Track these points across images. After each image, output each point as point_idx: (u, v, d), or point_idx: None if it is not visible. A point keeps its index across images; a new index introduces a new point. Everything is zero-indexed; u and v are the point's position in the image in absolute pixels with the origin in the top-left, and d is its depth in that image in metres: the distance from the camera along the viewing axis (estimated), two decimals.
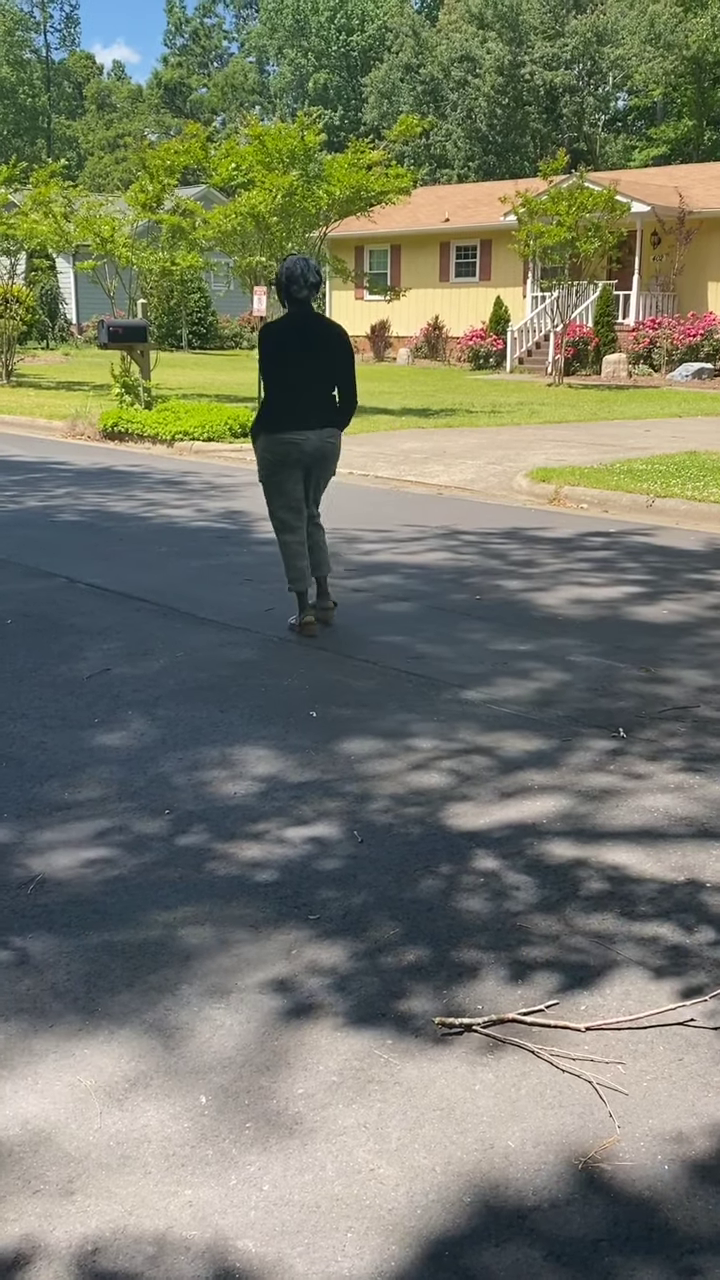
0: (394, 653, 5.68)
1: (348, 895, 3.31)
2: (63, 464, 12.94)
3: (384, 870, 3.46)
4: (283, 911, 3.22)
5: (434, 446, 14.09)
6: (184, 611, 6.42)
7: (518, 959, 3.01)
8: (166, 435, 14.52)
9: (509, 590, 7.04)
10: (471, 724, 4.70)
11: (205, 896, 3.30)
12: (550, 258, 24.66)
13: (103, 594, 6.83)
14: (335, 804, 3.92)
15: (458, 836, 3.68)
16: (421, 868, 3.47)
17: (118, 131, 71.89)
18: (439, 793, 4.02)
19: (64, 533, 8.83)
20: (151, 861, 3.51)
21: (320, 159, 18.76)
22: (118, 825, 3.75)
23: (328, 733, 4.58)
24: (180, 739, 4.50)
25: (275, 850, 3.58)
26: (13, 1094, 2.51)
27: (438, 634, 6.04)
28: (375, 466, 12.36)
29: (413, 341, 32.37)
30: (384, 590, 7.00)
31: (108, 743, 4.47)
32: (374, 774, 4.18)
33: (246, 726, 4.63)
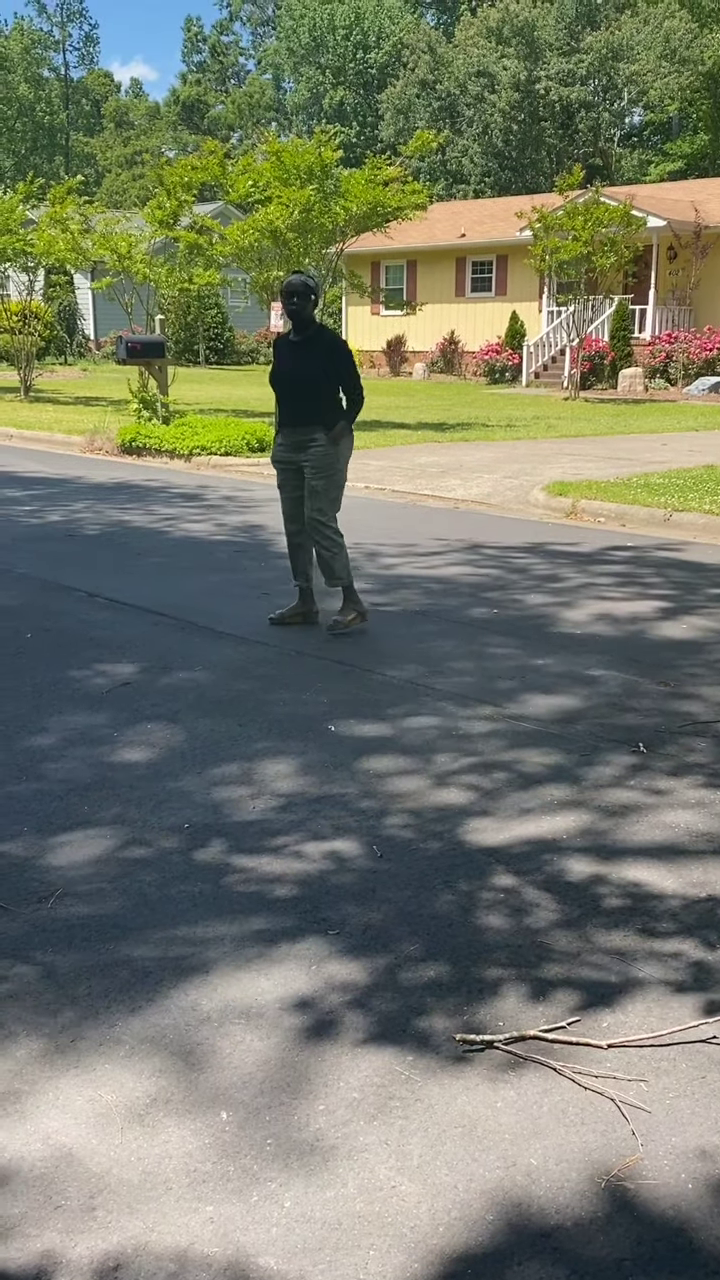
0: (413, 667, 5.68)
1: (367, 911, 3.30)
2: (81, 479, 13.01)
3: (403, 885, 3.45)
4: (302, 926, 3.21)
5: (450, 460, 14.11)
6: (202, 625, 6.43)
7: (538, 976, 2.99)
8: (184, 450, 14.59)
9: (530, 605, 7.03)
10: (491, 739, 4.69)
11: (225, 911, 3.30)
12: (566, 272, 24.71)
13: (122, 608, 6.86)
14: (354, 819, 3.92)
15: (477, 852, 3.67)
16: (441, 883, 3.47)
17: (135, 149, 72.44)
18: (458, 808, 4.01)
19: (83, 547, 8.87)
20: (171, 875, 3.51)
21: (337, 175, 18.85)
22: (137, 839, 3.75)
23: (346, 747, 4.58)
24: (199, 753, 4.50)
25: (294, 865, 3.58)
26: (34, 1109, 2.51)
27: (458, 648, 6.04)
28: (391, 480, 12.38)
29: (428, 356, 32.45)
30: (403, 604, 7.00)
31: (127, 757, 4.48)
32: (393, 788, 4.18)
33: (265, 740, 4.64)
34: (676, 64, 50.33)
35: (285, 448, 6.30)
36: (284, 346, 6.28)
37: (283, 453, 6.31)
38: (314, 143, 18.50)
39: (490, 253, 31.61)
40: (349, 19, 65.12)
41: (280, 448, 6.32)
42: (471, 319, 31.81)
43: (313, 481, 6.26)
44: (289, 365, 6.21)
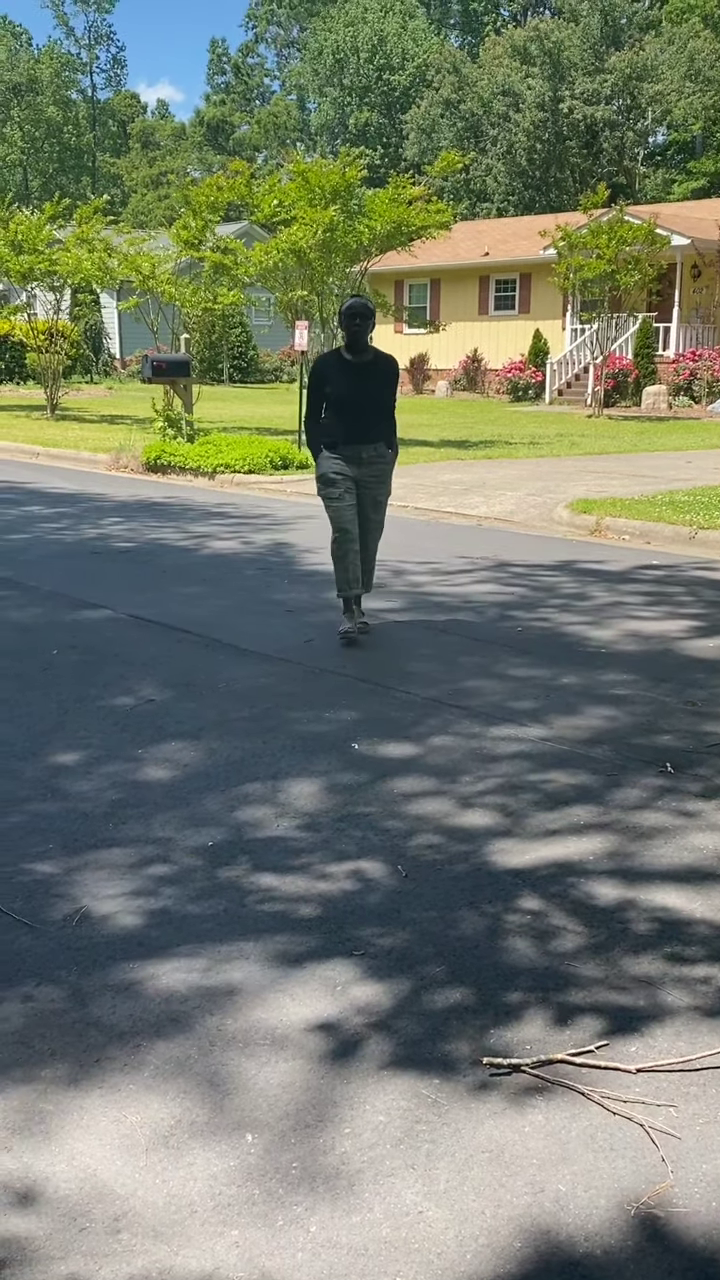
0: (438, 685, 5.67)
1: (392, 932, 3.28)
2: (106, 496, 13.08)
3: (428, 907, 3.43)
4: (326, 947, 3.20)
5: (473, 478, 14.11)
6: (226, 643, 6.45)
7: (565, 1000, 2.97)
8: (208, 468, 14.65)
9: (556, 623, 7.01)
10: (517, 759, 4.67)
11: (249, 930, 3.29)
12: (590, 290, 24.73)
13: (146, 625, 6.88)
14: (378, 838, 3.91)
15: (503, 874, 3.65)
16: (466, 905, 3.45)
17: (161, 169, 73.16)
18: (483, 829, 4.00)
19: (108, 565, 8.92)
20: (194, 894, 3.51)
21: (361, 194, 18.96)
22: (160, 856, 3.76)
23: (370, 766, 4.57)
24: (223, 771, 4.51)
25: (318, 885, 3.57)
26: (59, 1130, 2.50)
27: (483, 667, 6.02)
28: (414, 498, 12.39)
29: (452, 374, 32.51)
30: (428, 621, 7.00)
31: (151, 775, 4.48)
32: (418, 808, 4.17)
33: (289, 759, 4.64)
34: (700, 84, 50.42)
35: (344, 462, 6.44)
36: (339, 366, 6.38)
37: (340, 466, 6.43)
38: (339, 163, 18.62)
39: (514, 271, 31.67)
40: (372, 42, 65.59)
41: (335, 461, 6.43)
42: (495, 337, 31.87)
43: (378, 496, 6.62)
44: (352, 385, 6.36)
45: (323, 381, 6.41)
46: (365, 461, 6.49)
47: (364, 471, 6.50)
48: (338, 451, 6.46)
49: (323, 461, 6.48)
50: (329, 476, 6.48)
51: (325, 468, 6.47)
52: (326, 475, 6.48)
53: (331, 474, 6.47)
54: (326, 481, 6.50)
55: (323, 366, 6.48)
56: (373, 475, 6.55)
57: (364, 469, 6.49)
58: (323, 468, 6.48)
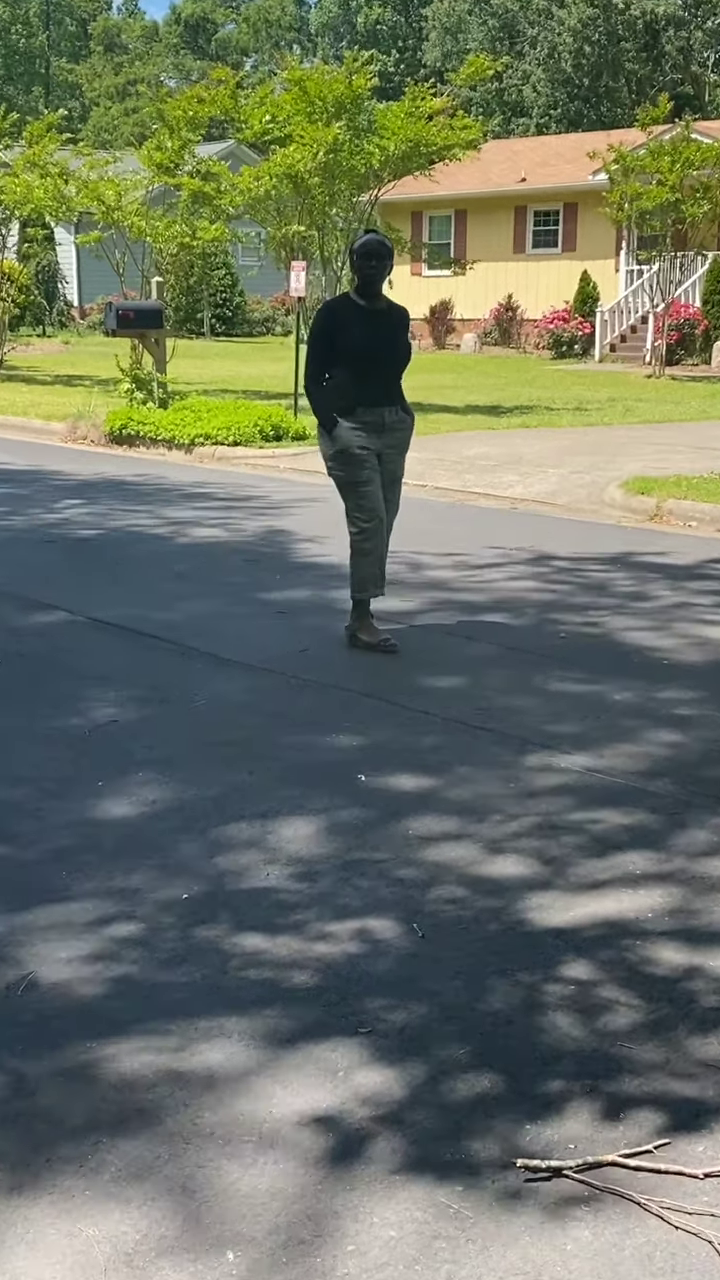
0: (463, 703, 5.67)
1: (406, 1004, 3.28)
2: (61, 474, 13.12)
3: (450, 974, 3.43)
4: (326, 1023, 3.20)
5: (506, 452, 14.13)
6: (205, 651, 6.45)
7: (617, 1089, 2.96)
8: (184, 439, 14.70)
9: (608, 628, 7.02)
10: (559, 794, 4.67)
11: (231, 1003, 3.29)
12: (649, 224, 24.78)
13: (109, 630, 6.89)
14: (390, 890, 3.90)
15: (541, 934, 3.65)
16: (496, 972, 3.44)
17: (129, 77, 73.44)
18: (518, 879, 3.99)
19: (64, 557, 8.93)
20: (166, 959, 3.50)
21: (371, 108, 19.03)
22: (124, 913, 3.75)
23: (381, 802, 4.57)
24: (201, 807, 4.51)
25: (317, 947, 3.56)
26: (0, 1246, 2.50)
27: (518, 681, 6.02)
28: (435, 476, 12.41)
29: (481, 325, 32.59)
30: (451, 626, 7.00)
31: (114, 812, 4.48)
32: (438, 854, 4.16)
33: (281, 792, 4.63)
34: None
35: (363, 431, 6.41)
36: (353, 313, 6.43)
37: (361, 437, 6.41)
38: (343, 69, 18.68)
39: (556, 200, 31.75)
40: None
41: (355, 432, 6.39)
42: (533, 280, 31.94)
43: (398, 470, 6.66)
44: (368, 336, 6.39)
45: (333, 331, 6.39)
46: (388, 428, 6.51)
47: (386, 441, 6.52)
48: (356, 419, 6.41)
49: (342, 433, 6.38)
50: (354, 453, 6.40)
51: (347, 440, 6.39)
52: (350, 451, 6.40)
53: (356, 449, 6.40)
54: (349, 459, 6.42)
55: (334, 313, 6.50)
56: (394, 445, 6.58)
57: (386, 437, 6.51)
58: (343, 440, 6.39)
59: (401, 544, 8.61)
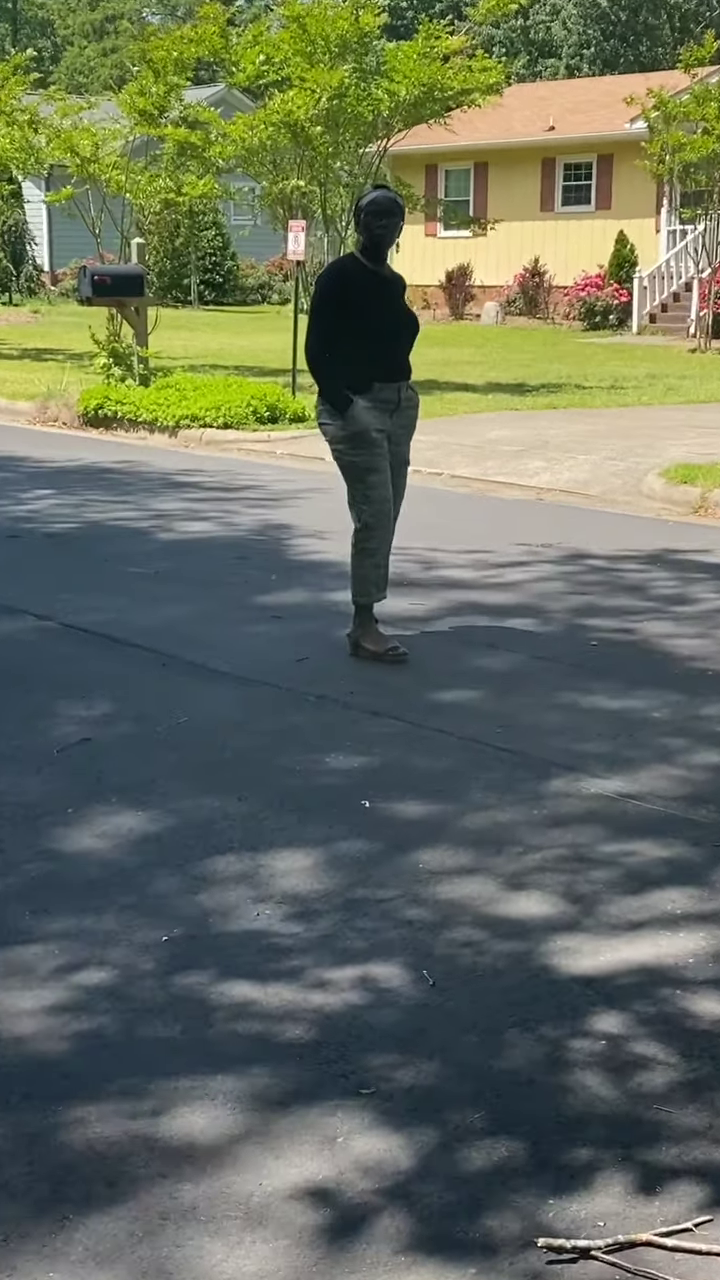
0: (481, 720, 5.66)
1: (414, 1062, 3.27)
2: (30, 460, 13.14)
3: (464, 1028, 3.42)
4: (323, 1083, 3.19)
5: (532, 435, 14.14)
6: (190, 661, 6.45)
7: (653, 1159, 2.95)
8: (168, 420, 14.72)
9: (645, 635, 7.02)
10: (588, 823, 4.66)
11: (216, 1061, 3.28)
12: (694, 178, 24.81)
13: (83, 637, 6.89)
14: (397, 932, 3.90)
15: (568, 982, 3.64)
16: (517, 1025, 3.43)
17: (106, 13, 73.66)
18: (541, 920, 3.98)
19: (32, 555, 8.94)
20: (142, 1010, 3.50)
21: (380, 49, 19.08)
22: (95, 958, 3.75)
23: (387, 831, 4.57)
24: (183, 838, 4.50)
25: (314, 997, 3.56)
26: None
27: (543, 695, 6.02)
28: (452, 462, 12.41)
29: (503, 293, 32.62)
30: (468, 633, 6.99)
31: (85, 843, 4.48)
32: (451, 891, 4.16)
33: (274, 821, 4.63)
34: None
35: (377, 411, 6.45)
36: (364, 279, 6.49)
37: (375, 418, 6.44)
38: (348, 5, 18.71)
39: (589, 151, 31.80)
40: None
41: (371, 412, 6.42)
42: (563, 242, 31.98)
43: (407, 452, 6.75)
44: (383, 303, 6.51)
45: (345, 297, 6.38)
46: (402, 406, 6.58)
47: (398, 421, 6.57)
48: (372, 396, 6.43)
49: (359, 413, 6.35)
50: (369, 436, 6.40)
51: (364, 422, 6.36)
52: (366, 434, 6.38)
53: (373, 432, 6.41)
54: (363, 442, 6.40)
55: (345, 276, 6.50)
56: (405, 425, 6.66)
57: (398, 417, 6.57)
58: (360, 421, 6.35)
59: (413, 539, 8.61)
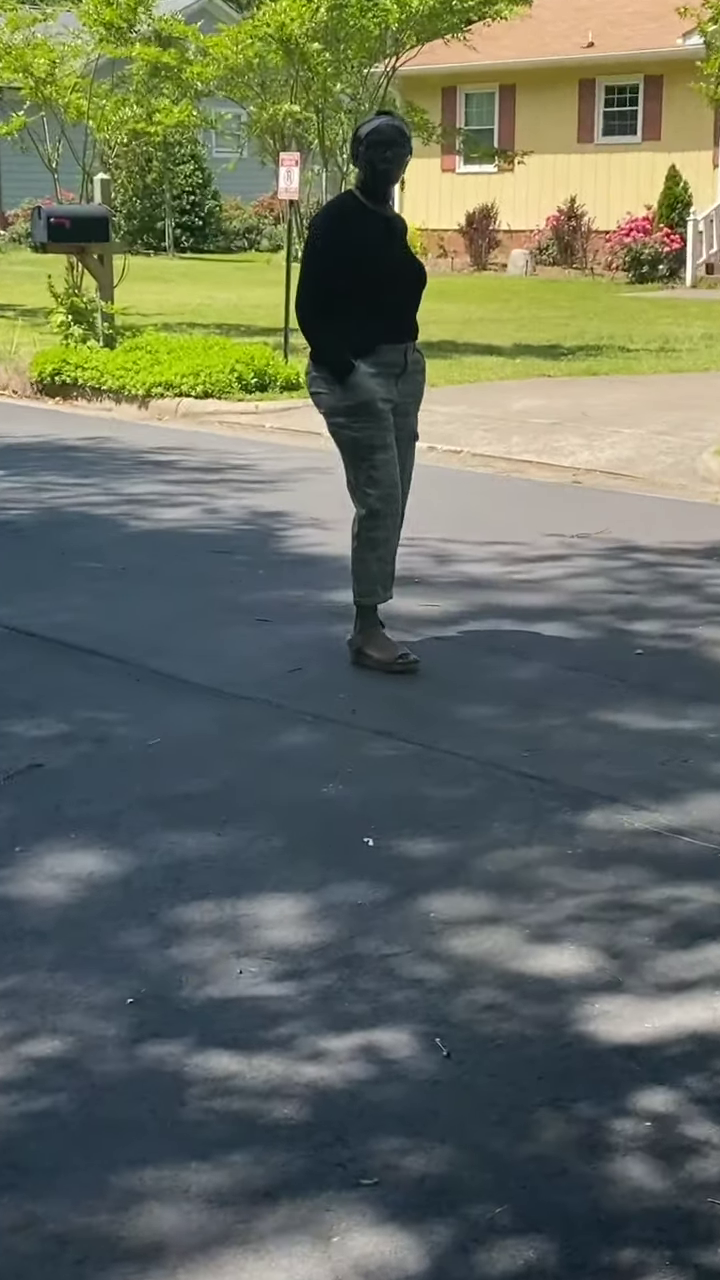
0: (503, 742, 5.66)
1: (424, 1147, 3.26)
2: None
3: (482, 1105, 3.41)
4: (317, 1172, 3.18)
5: (567, 406, 14.14)
6: (162, 672, 6.45)
7: (707, 1261, 2.94)
8: (137, 388, 14.71)
9: (700, 641, 7.04)
10: (629, 863, 4.66)
11: (189, 1146, 3.27)
12: None
13: (35, 644, 6.90)
14: (405, 994, 3.89)
15: (606, 1052, 3.64)
16: (545, 1103, 3.42)
17: None
18: (574, 978, 3.98)
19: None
20: (102, 1084, 3.49)
21: None
22: (47, 1025, 3.74)
23: (394, 874, 4.56)
24: (153, 881, 4.50)
25: (306, 1070, 3.55)
26: None
27: (576, 711, 6.02)
28: (472, 438, 12.40)
29: (534, 238, 32.64)
30: (488, 639, 6.99)
31: (36, 887, 4.48)
32: (467, 944, 4.15)
33: (260, 861, 4.63)
34: None
35: (380, 378, 6.44)
36: (366, 221, 6.48)
37: (380, 386, 6.43)
38: None
39: (634, 72, 31.82)
40: None
41: (374, 381, 6.39)
42: (604, 178, 32.00)
43: (413, 423, 6.79)
44: (388, 249, 6.55)
45: (345, 242, 6.35)
46: (409, 371, 6.59)
47: (404, 388, 6.58)
48: (376, 360, 6.40)
49: (362, 381, 6.32)
50: (375, 407, 6.38)
51: (369, 390, 6.34)
52: (371, 404, 6.36)
53: (379, 402, 6.40)
54: (369, 414, 6.37)
55: (345, 218, 6.46)
56: (411, 393, 6.69)
57: (405, 384, 6.58)
58: (364, 390, 6.33)
59: (426, 529, 8.62)
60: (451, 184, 33.41)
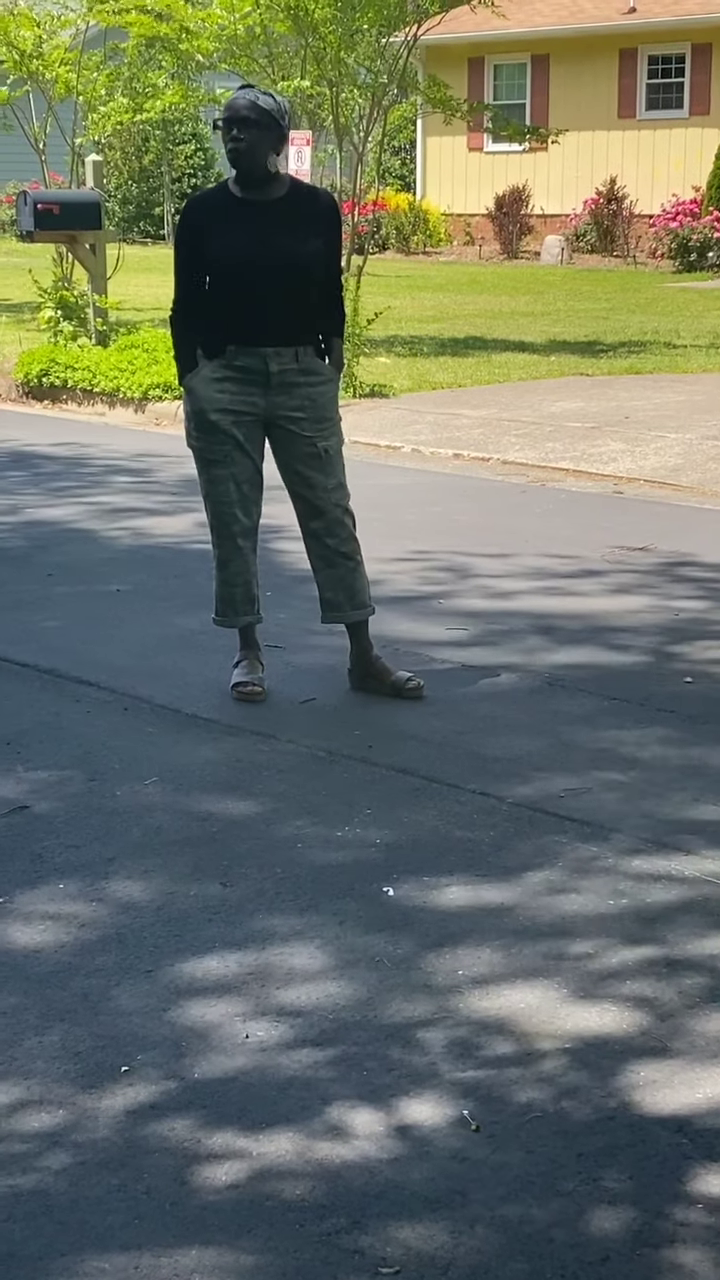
0: (538, 781, 5.66)
1: (449, 1231, 3.25)
2: None
3: (517, 1185, 3.40)
4: (331, 1259, 3.17)
5: (608, 408, 14.15)
6: (160, 704, 6.47)
7: None
8: (133, 391, 14.75)
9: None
10: (682, 916, 4.66)
11: (190, 1231, 3.26)
12: None
13: (17, 673, 6.92)
14: (428, 1059, 3.88)
15: (652, 1124, 3.62)
16: (584, 1182, 3.41)
17: None
18: (619, 1041, 3.97)
19: None
20: (96, 1162, 3.48)
21: None
22: (35, 1098, 3.73)
23: (416, 927, 4.56)
24: (150, 936, 4.50)
25: (319, 1146, 3.54)
26: None
27: (619, 747, 6.02)
28: (502, 444, 12.41)
29: (570, 223, 32.71)
30: (519, 666, 6.99)
31: (20, 941, 4.48)
32: (498, 1003, 4.14)
33: (269, 914, 4.63)
34: None
35: (233, 385, 6.37)
36: (227, 209, 6.44)
37: (229, 395, 6.37)
38: None
39: (681, 39, 31.89)
40: None
41: (220, 386, 6.36)
42: (647, 157, 32.07)
43: (319, 442, 6.52)
44: (245, 237, 6.35)
45: (199, 237, 6.39)
46: (278, 383, 6.39)
47: (277, 401, 6.38)
48: (224, 363, 6.35)
49: (197, 386, 6.37)
50: (207, 418, 6.38)
51: (203, 398, 6.36)
52: (202, 416, 6.39)
53: (213, 414, 6.37)
54: (201, 424, 6.43)
55: (202, 210, 6.58)
56: (296, 407, 6.45)
57: (276, 396, 6.37)
58: (198, 398, 6.38)
59: (450, 543, 8.62)
60: (479, 164, 33.50)
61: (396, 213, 34.05)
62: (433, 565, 8.28)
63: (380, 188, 24.42)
